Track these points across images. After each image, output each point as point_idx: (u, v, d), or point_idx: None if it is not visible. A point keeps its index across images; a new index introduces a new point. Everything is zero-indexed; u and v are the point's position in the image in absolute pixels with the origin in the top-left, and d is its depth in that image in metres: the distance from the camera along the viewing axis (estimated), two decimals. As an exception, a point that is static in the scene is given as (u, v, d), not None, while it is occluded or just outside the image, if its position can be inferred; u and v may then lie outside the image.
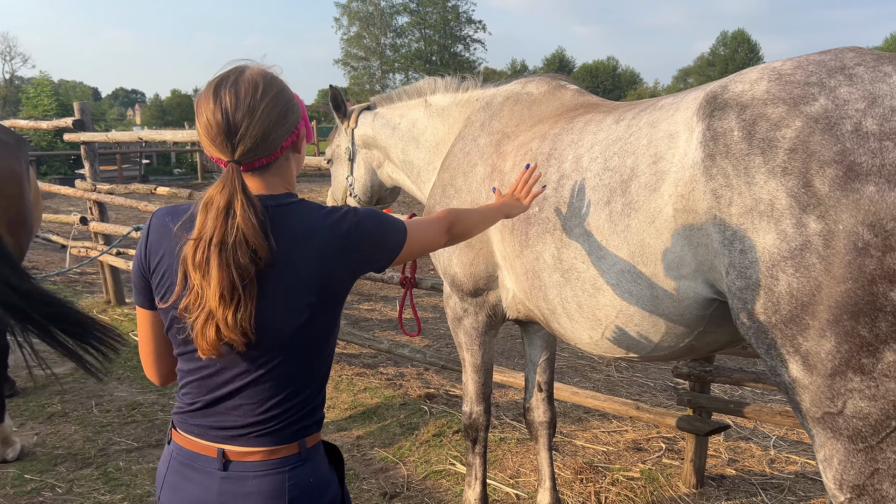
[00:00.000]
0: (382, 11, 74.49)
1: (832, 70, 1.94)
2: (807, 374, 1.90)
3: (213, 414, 1.63)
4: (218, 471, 1.61)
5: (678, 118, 2.26)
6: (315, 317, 1.59)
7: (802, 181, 1.83)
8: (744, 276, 1.98)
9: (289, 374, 1.61)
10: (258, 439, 1.61)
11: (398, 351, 5.07)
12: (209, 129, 1.57)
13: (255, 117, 1.56)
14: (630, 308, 2.35)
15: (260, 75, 1.62)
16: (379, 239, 1.72)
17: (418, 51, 76.25)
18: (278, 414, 1.61)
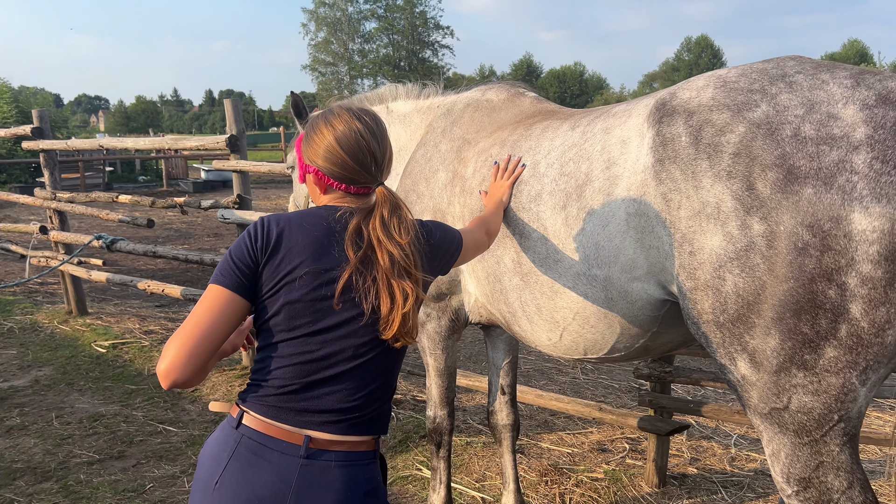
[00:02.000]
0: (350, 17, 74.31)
1: (774, 78, 2.00)
2: (754, 372, 1.96)
3: (307, 398, 1.71)
4: (300, 458, 1.66)
5: (630, 124, 2.31)
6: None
7: (746, 184, 1.89)
8: (693, 278, 2.04)
9: (383, 366, 1.80)
10: (348, 427, 1.73)
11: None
12: (362, 156, 1.87)
13: (387, 150, 1.92)
14: (586, 310, 2.39)
15: (372, 114, 1.92)
16: (447, 245, 2.03)
17: (386, 56, 76.22)
18: (370, 402, 1.78)
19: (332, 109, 1.91)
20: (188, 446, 4.70)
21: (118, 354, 6.64)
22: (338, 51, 74.34)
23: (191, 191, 23.71)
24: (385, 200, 1.84)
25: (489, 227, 2.43)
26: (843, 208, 1.75)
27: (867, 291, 1.76)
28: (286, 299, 1.73)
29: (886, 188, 1.72)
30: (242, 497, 1.64)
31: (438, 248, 2.00)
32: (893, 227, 1.72)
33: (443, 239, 2.03)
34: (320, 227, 1.79)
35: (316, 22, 73.36)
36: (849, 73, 1.93)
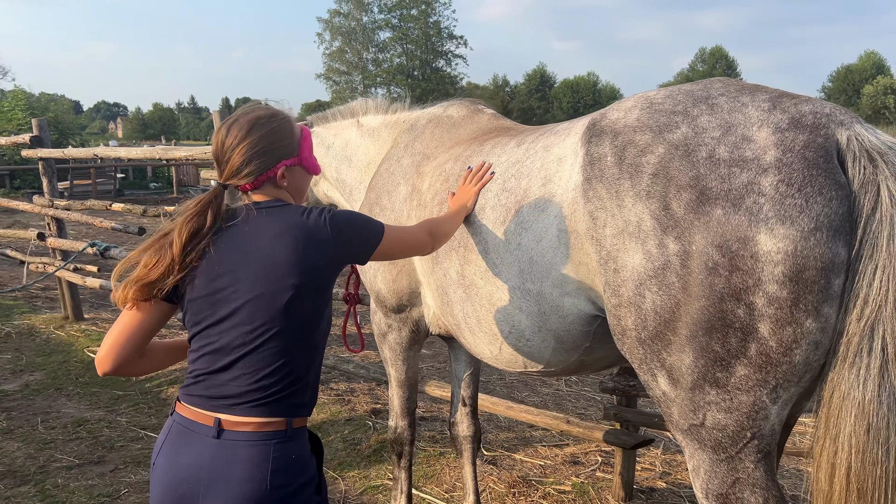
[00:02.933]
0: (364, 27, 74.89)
1: (697, 100, 2.04)
2: (672, 388, 1.99)
3: (214, 385, 1.87)
4: (212, 438, 1.83)
5: (567, 143, 2.36)
6: (297, 298, 1.86)
7: (663, 204, 1.94)
8: (617, 294, 2.08)
9: (280, 349, 1.86)
10: (251, 409, 1.85)
11: (343, 367, 5.13)
12: (213, 154, 2.03)
13: (236, 152, 1.96)
14: (522, 323, 2.44)
15: (255, 118, 1.99)
16: (353, 231, 2.01)
17: (400, 66, 76.69)
18: (270, 384, 1.86)
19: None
20: (167, 452, 4.77)
21: (109, 360, 6.74)
22: (352, 60, 74.91)
23: (200, 198, 23.95)
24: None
25: (437, 228, 2.41)
26: (750, 229, 1.79)
27: (774, 311, 1.79)
28: (188, 297, 1.92)
29: (791, 210, 1.76)
30: (170, 474, 1.84)
31: (339, 236, 1.96)
32: (797, 248, 1.75)
33: (347, 229, 1.99)
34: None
35: (331, 31, 74.02)
36: (768, 97, 1.97)
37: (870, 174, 1.78)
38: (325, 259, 1.93)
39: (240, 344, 1.86)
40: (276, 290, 1.85)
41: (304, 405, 1.95)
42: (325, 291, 1.97)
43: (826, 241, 1.75)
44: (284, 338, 1.87)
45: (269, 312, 1.85)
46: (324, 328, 2.00)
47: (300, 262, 1.88)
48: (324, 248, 1.93)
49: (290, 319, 1.87)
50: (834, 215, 1.76)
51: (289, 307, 1.86)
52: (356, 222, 2.06)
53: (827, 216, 1.75)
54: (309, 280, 1.89)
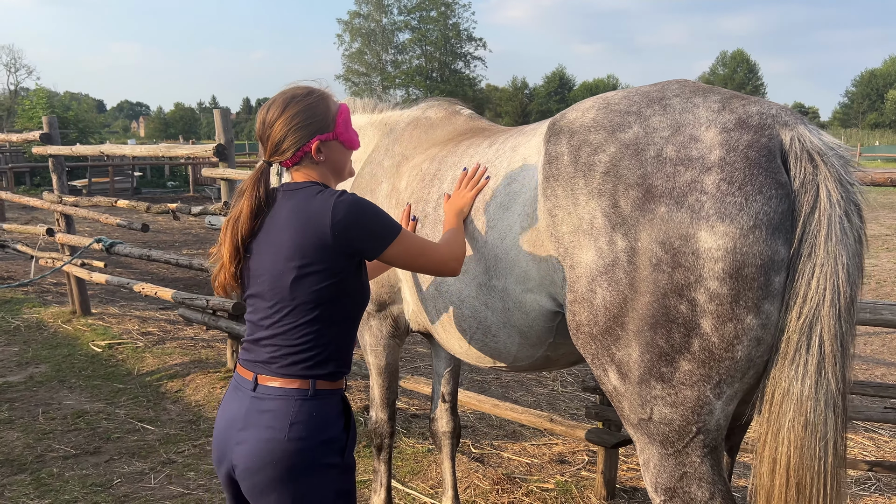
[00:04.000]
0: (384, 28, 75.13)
1: (652, 100, 2.08)
2: (622, 383, 2.03)
3: (252, 349, 2.11)
4: (251, 391, 2.06)
5: (532, 143, 2.41)
6: (301, 278, 2.00)
7: (612, 202, 1.97)
8: (573, 290, 2.12)
9: (296, 324, 2.03)
10: (278, 371, 2.05)
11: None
12: (257, 133, 2.19)
13: (274, 128, 2.10)
14: (488, 319, 2.48)
15: (292, 95, 2.13)
16: (357, 222, 2.04)
17: (419, 67, 76.82)
18: (291, 353, 2.04)
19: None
20: (161, 445, 4.86)
21: (112, 354, 6.87)
22: (371, 61, 75.16)
23: (216, 196, 24.20)
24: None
25: (454, 249, 2.32)
26: (692, 226, 1.82)
27: (715, 307, 1.82)
28: (244, 269, 2.13)
29: (731, 208, 1.79)
30: (221, 419, 2.12)
31: (340, 223, 1.99)
32: (736, 245, 1.78)
33: (352, 218, 2.01)
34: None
35: (350, 33, 74.32)
36: (719, 97, 2.00)
37: (810, 174, 1.81)
38: (324, 243, 1.99)
39: (264, 317, 2.07)
40: (283, 271, 2.01)
41: (328, 374, 2.08)
42: (335, 273, 2.02)
43: (765, 239, 1.78)
44: (298, 314, 2.03)
45: (280, 291, 2.02)
46: (346, 303, 2.09)
47: (301, 245, 1.99)
48: (323, 232, 1.99)
49: (300, 298, 2.01)
50: (773, 213, 1.79)
51: (294, 287, 2.00)
52: (365, 213, 2.05)
53: (766, 214, 1.78)
54: (310, 262, 1.99)
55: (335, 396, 2.12)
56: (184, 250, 13.22)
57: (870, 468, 3.68)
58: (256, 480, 1.99)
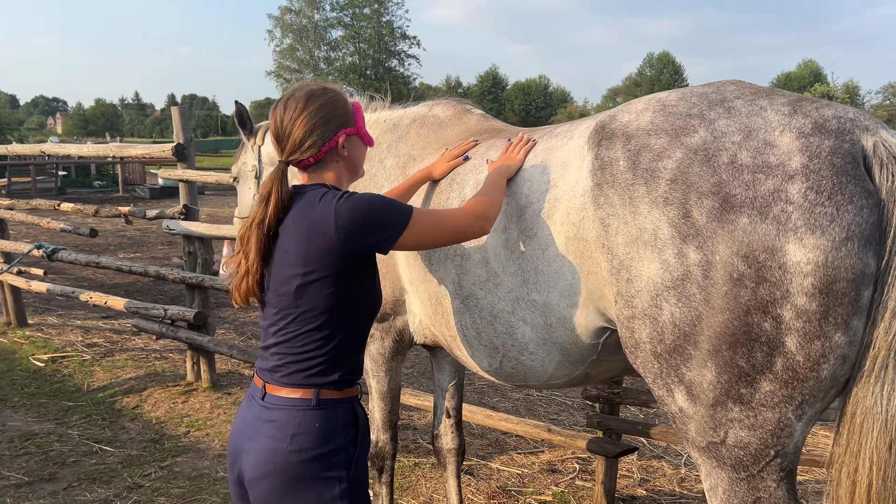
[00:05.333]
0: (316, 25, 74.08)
1: (713, 102, 1.96)
2: (691, 404, 1.90)
3: (263, 356, 2.07)
4: (260, 400, 2.03)
5: (571, 146, 2.26)
6: (306, 286, 1.93)
7: (682, 212, 1.84)
8: (630, 306, 1.98)
9: (299, 332, 1.97)
10: (283, 380, 2.00)
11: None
12: (272, 133, 2.08)
13: (296, 125, 2.00)
14: (525, 336, 2.32)
15: (310, 91, 2.05)
16: (364, 220, 1.93)
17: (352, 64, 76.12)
18: (294, 362, 1.98)
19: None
20: (124, 467, 4.51)
21: (57, 369, 6.39)
22: (303, 58, 74.03)
23: (147, 197, 23.20)
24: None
25: (486, 208, 2.19)
26: (778, 239, 1.71)
27: (802, 325, 1.72)
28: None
29: (821, 219, 1.68)
30: (236, 427, 2.08)
31: (345, 226, 1.90)
32: (828, 258, 1.68)
33: (357, 217, 1.91)
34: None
35: (282, 29, 72.99)
36: (787, 100, 1.90)
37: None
38: (329, 249, 1.91)
39: (271, 323, 2.03)
40: (287, 277, 1.95)
41: (332, 382, 2.00)
42: (342, 279, 1.95)
43: (857, 252, 1.68)
44: (303, 322, 1.96)
45: (285, 298, 1.97)
46: (354, 309, 2.01)
47: (304, 252, 1.92)
48: (327, 238, 1.91)
49: (304, 305, 1.95)
50: (865, 224, 1.69)
51: (299, 294, 1.94)
52: (370, 209, 1.95)
53: (858, 225, 1.69)
54: (315, 269, 1.92)
55: (342, 406, 2.03)
56: (120, 254, 12.57)
57: None
58: (261, 491, 1.97)
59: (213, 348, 5.48)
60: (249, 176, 3.96)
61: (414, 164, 2.96)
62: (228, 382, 5.99)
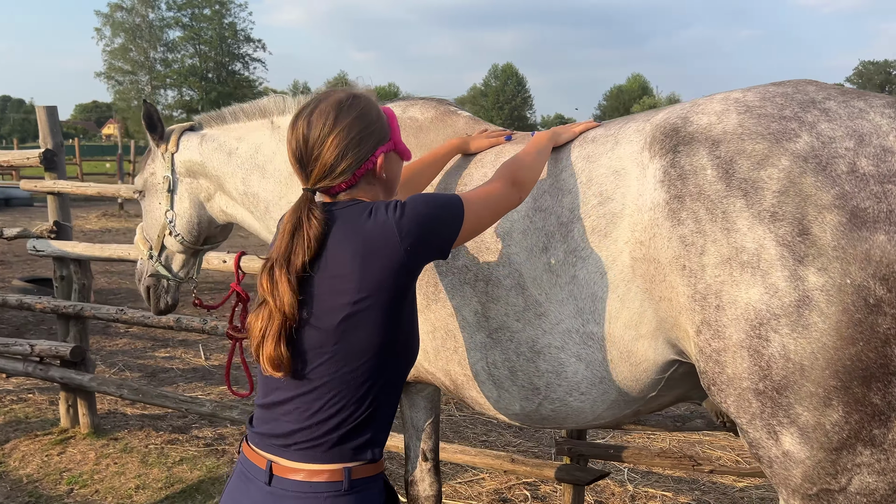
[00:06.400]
0: (151, 24, 69.70)
1: (804, 104, 1.75)
2: (804, 448, 1.66)
3: (269, 419, 1.66)
4: (264, 484, 1.61)
5: (621, 153, 1.97)
6: (353, 316, 1.58)
7: (797, 228, 1.60)
8: (721, 336, 1.71)
9: (331, 380, 1.60)
10: (301, 452, 1.60)
11: (225, 414, 4.32)
12: (293, 155, 1.72)
13: (325, 146, 1.65)
14: (578, 374, 1.99)
15: (337, 101, 1.69)
16: (431, 226, 1.65)
17: (193, 67, 72.34)
18: (316, 424, 1.60)
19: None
20: (-5, 544, 3.68)
21: None
22: (137, 59, 69.43)
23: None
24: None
25: (521, 173, 1.88)
26: (924, 258, 1.51)
27: (948, 354, 1.52)
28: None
29: (970, 235, 1.50)
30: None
31: (411, 235, 1.61)
32: None
33: (425, 223, 1.64)
34: None
35: (112, 27, 67.93)
36: (884, 102, 1.73)
37: None
38: (393, 269, 1.61)
39: (292, 373, 1.63)
40: (328, 309, 1.59)
41: (365, 448, 1.66)
42: (394, 307, 1.63)
43: None
44: (337, 365, 1.60)
45: (319, 334, 1.60)
46: (399, 351, 1.68)
47: (359, 275, 1.59)
48: (391, 256, 1.60)
49: (343, 343, 1.59)
50: None
51: (339, 330, 1.59)
52: (429, 211, 1.66)
53: None
54: (368, 295, 1.59)
55: (376, 485, 1.69)
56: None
57: None
58: None
59: (97, 388, 4.67)
60: (159, 189, 3.33)
61: (395, 174, 2.54)
62: (112, 425, 5.15)
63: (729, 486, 4.43)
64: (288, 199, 2.98)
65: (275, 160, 3.03)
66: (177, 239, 3.31)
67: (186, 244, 3.32)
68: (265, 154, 3.05)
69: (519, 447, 5.03)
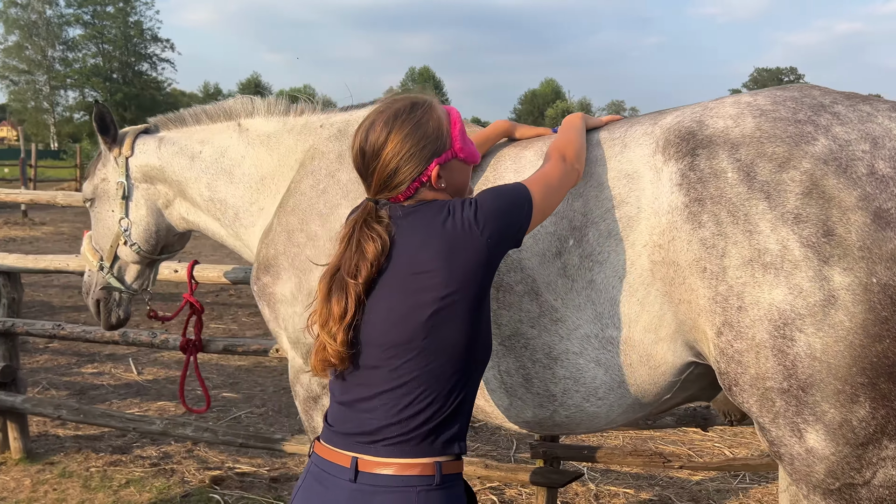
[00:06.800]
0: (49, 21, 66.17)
1: (814, 107, 1.79)
2: (830, 444, 1.70)
3: (350, 417, 1.66)
4: (349, 482, 1.60)
5: (632, 156, 1.97)
6: (440, 312, 1.60)
7: (821, 229, 1.64)
8: (744, 337, 1.73)
9: (417, 377, 1.61)
10: (391, 448, 1.61)
11: (178, 432, 4.10)
12: (354, 165, 1.79)
13: (383, 157, 1.69)
14: (597, 379, 1.98)
15: (395, 112, 1.71)
16: (506, 219, 1.68)
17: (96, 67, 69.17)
18: (404, 420, 1.61)
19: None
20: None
21: None
22: (34, 57, 65.80)
23: None
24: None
25: (572, 151, 1.91)
26: (947, 256, 1.57)
27: (969, 347, 1.59)
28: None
29: None
30: None
31: (490, 227, 1.65)
32: None
33: (501, 216, 1.68)
34: None
35: (6, 24, 64.06)
36: (889, 106, 1.80)
37: None
38: (477, 263, 1.64)
39: (371, 367, 1.65)
40: (413, 306, 1.61)
41: (453, 442, 1.67)
42: (479, 300, 1.67)
43: None
44: (423, 362, 1.62)
45: (403, 332, 1.62)
46: (481, 346, 1.71)
47: (446, 271, 1.61)
48: (474, 250, 1.63)
49: (430, 340, 1.61)
50: None
51: (426, 326, 1.61)
52: (504, 201, 1.70)
53: None
54: (455, 290, 1.62)
55: (461, 482, 1.72)
56: None
57: None
58: None
59: (31, 410, 4.34)
60: (112, 196, 3.13)
61: (384, 178, 2.47)
62: (46, 449, 4.80)
63: (686, 480, 4.55)
64: (260, 205, 2.85)
65: (243, 164, 2.89)
66: (132, 248, 3.11)
67: (143, 254, 3.13)
68: (232, 158, 2.91)
69: (477, 451, 5.01)
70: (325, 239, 2.49)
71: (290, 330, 2.57)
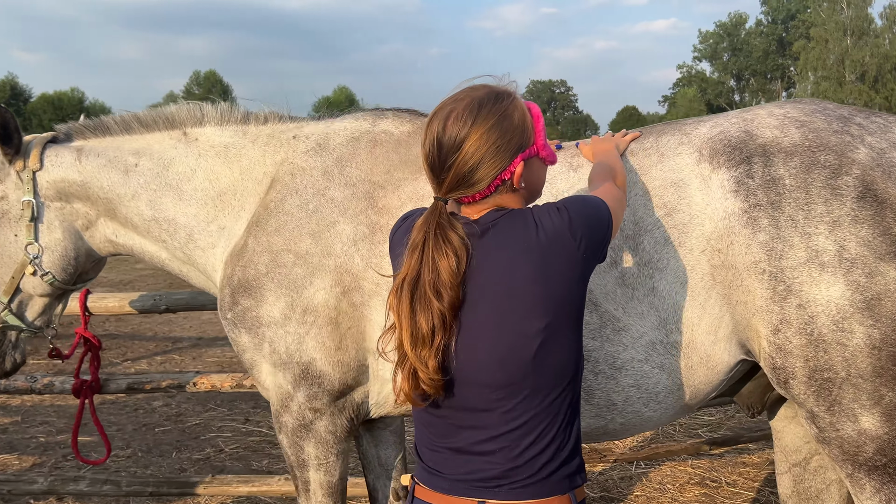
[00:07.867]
0: None
1: (841, 119, 1.98)
2: (884, 425, 1.87)
3: (464, 462, 1.54)
4: None
5: (674, 165, 2.04)
6: (548, 340, 1.49)
7: (878, 229, 1.81)
8: (805, 332, 1.87)
9: (537, 413, 1.51)
10: (521, 490, 1.51)
11: (68, 489, 3.52)
12: (425, 160, 1.58)
13: (463, 151, 1.51)
14: (659, 385, 2.01)
15: (477, 101, 1.53)
16: (593, 223, 1.56)
17: None
18: (535, 456, 1.51)
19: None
20: None
21: None
22: None
23: None
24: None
25: (617, 176, 1.86)
26: (985, 249, 1.80)
27: None
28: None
29: None
30: None
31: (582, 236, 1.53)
32: None
33: (593, 224, 1.56)
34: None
35: None
36: (894, 119, 2.02)
37: None
38: (574, 280, 1.53)
39: (480, 409, 1.52)
40: (518, 335, 1.48)
41: (577, 473, 1.58)
42: (579, 323, 1.57)
43: None
44: (541, 396, 1.51)
45: (514, 368, 1.49)
46: (582, 366, 1.62)
47: (546, 296, 1.48)
48: (571, 266, 1.51)
49: (542, 371, 1.50)
50: None
51: (537, 358, 1.48)
52: (593, 211, 1.57)
53: None
54: (559, 316, 1.50)
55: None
56: None
57: None
58: None
59: None
60: (14, 218, 2.63)
61: (386, 193, 2.32)
62: None
63: (590, 471, 4.78)
64: (220, 223, 2.54)
65: (194, 179, 2.56)
66: (45, 279, 2.63)
67: (58, 284, 2.66)
68: (180, 172, 2.57)
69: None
70: (318, 256, 2.29)
71: (278, 352, 2.32)
